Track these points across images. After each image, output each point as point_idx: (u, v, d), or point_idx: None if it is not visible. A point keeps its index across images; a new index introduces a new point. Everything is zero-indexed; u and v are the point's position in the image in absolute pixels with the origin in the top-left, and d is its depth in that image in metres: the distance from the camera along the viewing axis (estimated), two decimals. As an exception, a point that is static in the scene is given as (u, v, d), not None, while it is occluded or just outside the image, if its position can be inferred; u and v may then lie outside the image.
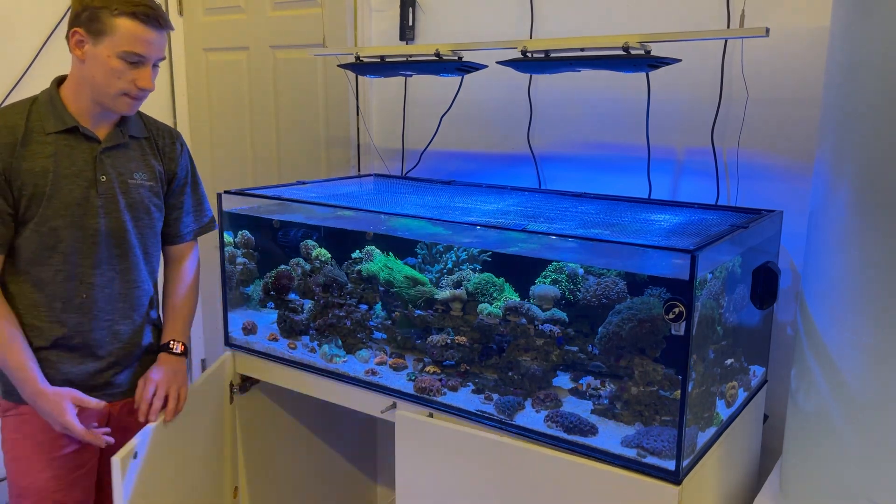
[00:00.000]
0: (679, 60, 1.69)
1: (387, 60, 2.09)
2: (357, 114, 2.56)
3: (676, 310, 1.33)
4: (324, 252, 2.02)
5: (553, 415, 1.54)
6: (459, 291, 1.77)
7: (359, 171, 2.60)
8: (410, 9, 2.37)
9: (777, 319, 1.88)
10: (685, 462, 1.38)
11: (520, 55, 1.78)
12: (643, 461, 1.40)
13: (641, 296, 1.55)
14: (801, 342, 1.42)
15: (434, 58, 1.96)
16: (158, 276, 1.80)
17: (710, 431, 1.52)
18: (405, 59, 2.05)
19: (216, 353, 2.73)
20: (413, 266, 1.90)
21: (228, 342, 2.05)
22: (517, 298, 1.71)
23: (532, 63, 1.79)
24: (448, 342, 1.75)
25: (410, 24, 2.38)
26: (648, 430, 1.45)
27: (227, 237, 2.05)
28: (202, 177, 1.88)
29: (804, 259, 1.46)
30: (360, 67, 2.11)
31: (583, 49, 1.72)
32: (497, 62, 1.85)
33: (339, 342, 1.92)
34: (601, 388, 1.59)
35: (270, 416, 2.14)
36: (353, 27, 2.48)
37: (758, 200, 1.87)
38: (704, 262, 1.34)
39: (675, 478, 1.35)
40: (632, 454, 1.42)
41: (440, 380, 1.71)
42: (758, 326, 1.79)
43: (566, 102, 2.14)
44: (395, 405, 1.71)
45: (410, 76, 2.39)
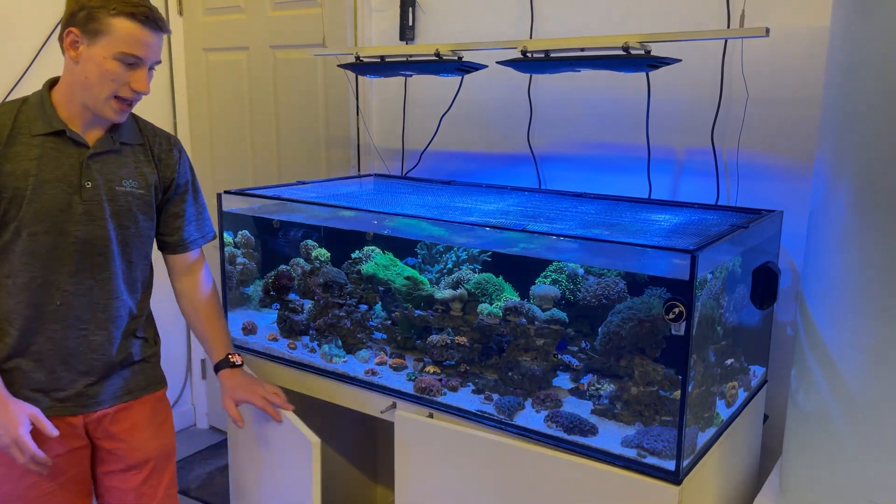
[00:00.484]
0: (679, 60, 1.69)
1: (387, 60, 2.09)
2: (357, 114, 2.56)
3: (676, 310, 1.33)
4: (324, 252, 2.01)
5: (553, 415, 1.54)
6: (459, 291, 1.77)
7: (359, 171, 2.60)
8: (410, 9, 2.37)
9: (777, 319, 1.88)
10: (685, 462, 1.38)
11: (520, 55, 1.78)
12: (643, 461, 1.40)
13: (641, 296, 1.55)
14: (801, 342, 1.42)
15: (434, 58, 1.96)
16: (155, 288, 1.74)
17: (711, 431, 1.53)
18: (405, 59, 2.05)
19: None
20: (413, 266, 1.90)
21: (228, 342, 2.05)
22: (517, 298, 1.71)
23: (532, 63, 1.79)
24: (448, 342, 1.75)
25: (410, 24, 2.38)
26: (648, 431, 1.45)
27: (227, 237, 2.05)
28: (202, 176, 1.85)
29: (804, 259, 1.46)
30: (360, 67, 2.11)
31: (583, 49, 1.72)
32: (497, 62, 1.85)
33: (339, 342, 1.92)
34: (601, 389, 1.59)
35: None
36: (353, 27, 2.48)
37: (758, 200, 1.87)
38: (704, 262, 1.34)
39: (675, 478, 1.35)
40: (632, 454, 1.42)
41: (440, 380, 1.71)
42: (758, 326, 1.79)
43: (566, 102, 2.14)
44: (395, 405, 1.71)
45: (410, 76, 2.39)
